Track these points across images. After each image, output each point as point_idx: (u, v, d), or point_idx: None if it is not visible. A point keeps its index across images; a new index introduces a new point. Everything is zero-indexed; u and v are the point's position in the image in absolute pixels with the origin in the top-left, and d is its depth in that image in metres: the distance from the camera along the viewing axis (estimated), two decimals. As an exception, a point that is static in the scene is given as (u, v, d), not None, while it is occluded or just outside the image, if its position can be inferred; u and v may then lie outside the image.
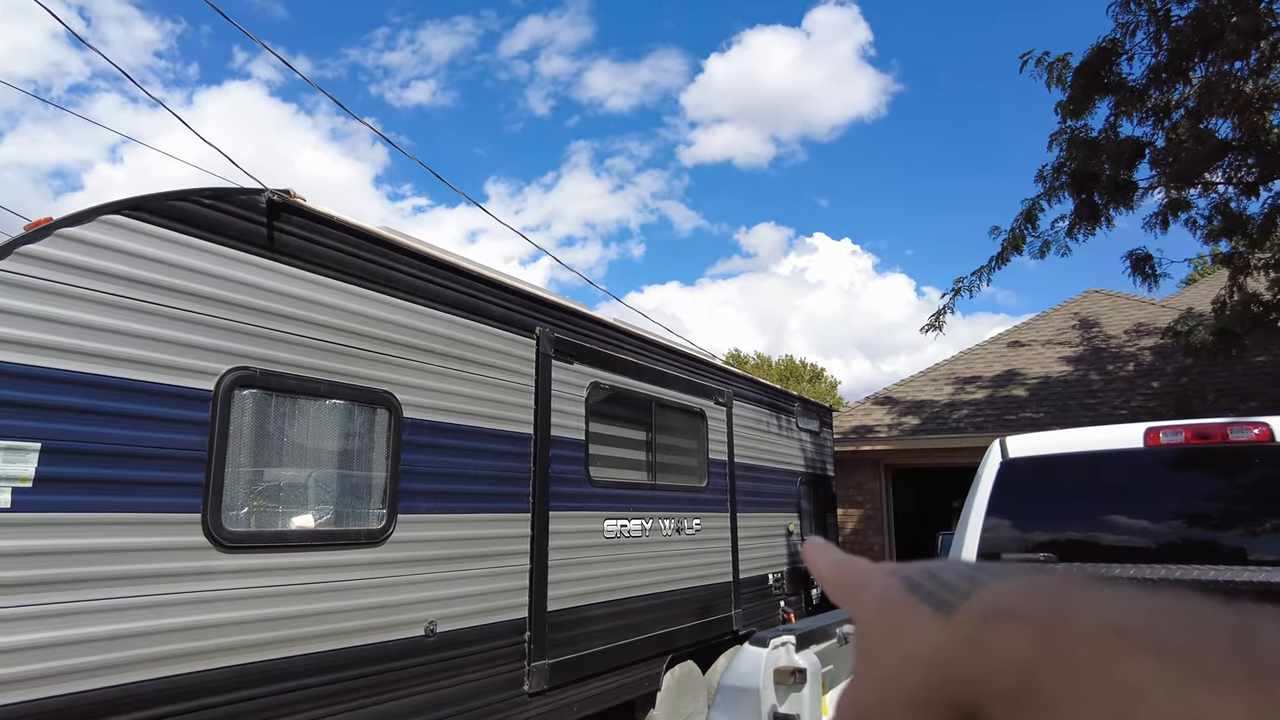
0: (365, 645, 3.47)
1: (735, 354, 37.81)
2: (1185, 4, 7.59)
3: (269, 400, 3.30)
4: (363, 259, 3.72)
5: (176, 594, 2.84)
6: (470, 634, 4.01)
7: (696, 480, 6.44)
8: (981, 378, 13.07)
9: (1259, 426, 3.34)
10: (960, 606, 0.35)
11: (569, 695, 4.64)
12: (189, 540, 2.90)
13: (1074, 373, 12.30)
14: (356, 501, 3.66)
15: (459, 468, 4.10)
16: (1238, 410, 9.60)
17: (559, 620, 4.60)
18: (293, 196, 3.42)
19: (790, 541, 8.13)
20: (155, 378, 2.86)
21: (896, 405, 12.89)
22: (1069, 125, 8.53)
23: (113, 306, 2.78)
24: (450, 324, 4.16)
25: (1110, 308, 14.52)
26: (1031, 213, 8.90)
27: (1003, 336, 14.91)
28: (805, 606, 8.23)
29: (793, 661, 1.79)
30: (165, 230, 2.96)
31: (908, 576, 0.39)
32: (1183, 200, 8.82)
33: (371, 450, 3.73)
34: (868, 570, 0.42)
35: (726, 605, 6.61)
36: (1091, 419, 10.35)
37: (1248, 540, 3.34)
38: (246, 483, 3.22)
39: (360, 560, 3.52)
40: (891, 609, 0.38)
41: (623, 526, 5.33)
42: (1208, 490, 3.62)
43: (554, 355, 4.88)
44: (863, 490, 12.26)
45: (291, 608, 3.21)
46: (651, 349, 6.07)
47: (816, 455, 9.17)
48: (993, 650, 0.32)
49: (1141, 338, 12.77)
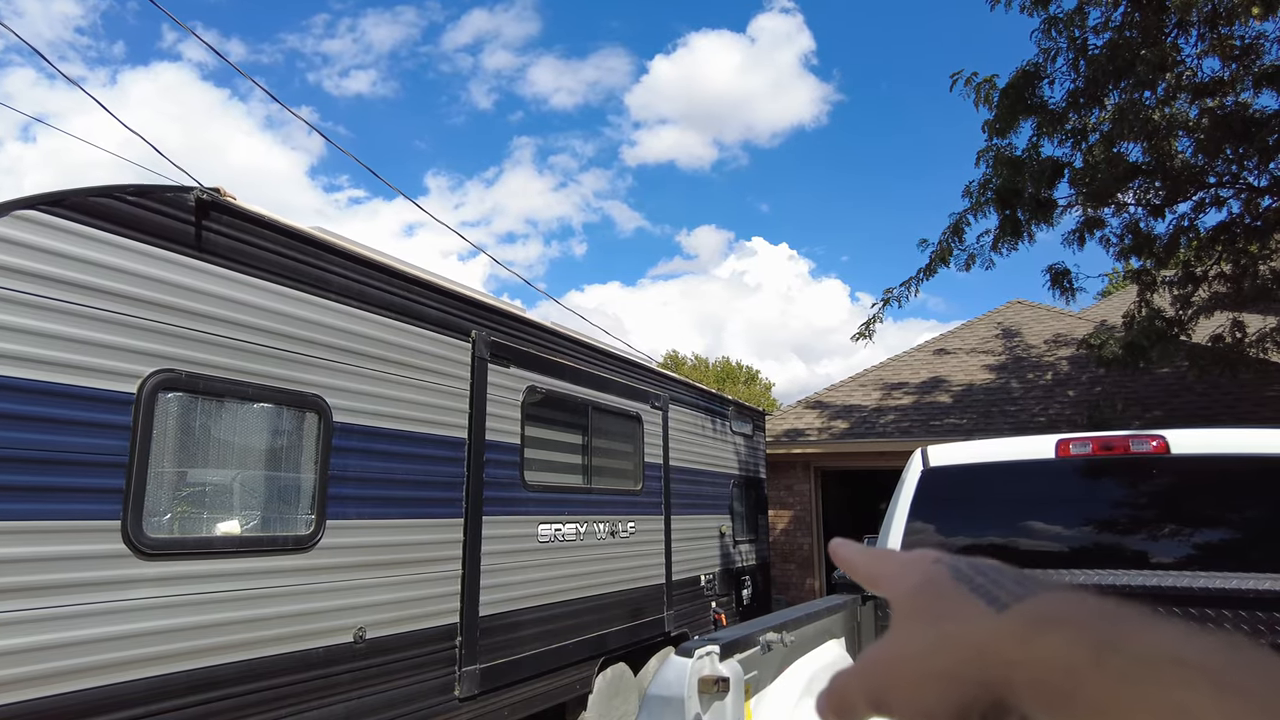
0: (292, 652, 3.42)
1: (673, 355, 38.09)
2: (1101, 34, 7.99)
3: (194, 404, 3.22)
4: (294, 260, 3.66)
5: (94, 604, 2.75)
6: (400, 640, 3.98)
7: (632, 484, 6.50)
8: (908, 384, 13.48)
9: (1156, 439, 3.56)
10: (1014, 606, 0.37)
11: (500, 700, 4.64)
12: (107, 548, 2.82)
13: (996, 381, 12.79)
14: (284, 507, 3.60)
15: (390, 473, 4.06)
16: (1143, 419, 10.14)
17: (491, 625, 4.60)
18: (223, 195, 3.34)
19: (723, 543, 8.26)
20: (74, 380, 2.77)
21: (827, 409, 13.19)
22: (995, 143, 8.87)
23: (28, 306, 2.68)
24: (384, 327, 4.11)
25: (1031, 319, 15.14)
26: (958, 226, 9.23)
27: (929, 344, 15.39)
28: (736, 607, 8.37)
29: (716, 671, 1.85)
30: (86, 228, 2.86)
31: (954, 567, 0.43)
32: (1098, 219, 9.26)
33: (300, 455, 3.67)
34: (908, 557, 0.46)
35: (659, 607, 6.68)
36: (1012, 426, 10.79)
37: (1149, 545, 3.55)
38: (170, 488, 3.14)
39: (287, 566, 3.46)
40: (937, 593, 0.41)
41: (557, 531, 5.35)
42: (1113, 498, 3.83)
43: (490, 359, 4.87)
44: (793, 492, 12.52)
45: (216, 615, 3.14)
46: (589, 353, 6.10)
47: (749, 458, 9.33)
48: (1043, 649, 0.34)
49: (1059, 348, 13.36)
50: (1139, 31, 7.60)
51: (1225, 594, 2.86)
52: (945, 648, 0.39)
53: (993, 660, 0.36)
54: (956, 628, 0.39)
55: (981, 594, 0.39)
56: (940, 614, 0.40)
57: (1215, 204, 8.98)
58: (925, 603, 0.42)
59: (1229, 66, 7.91)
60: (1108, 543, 3.61)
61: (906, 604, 0.43)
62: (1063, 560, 3.50)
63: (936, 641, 0.39)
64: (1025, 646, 0.35)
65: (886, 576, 0.47)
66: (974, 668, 0.37)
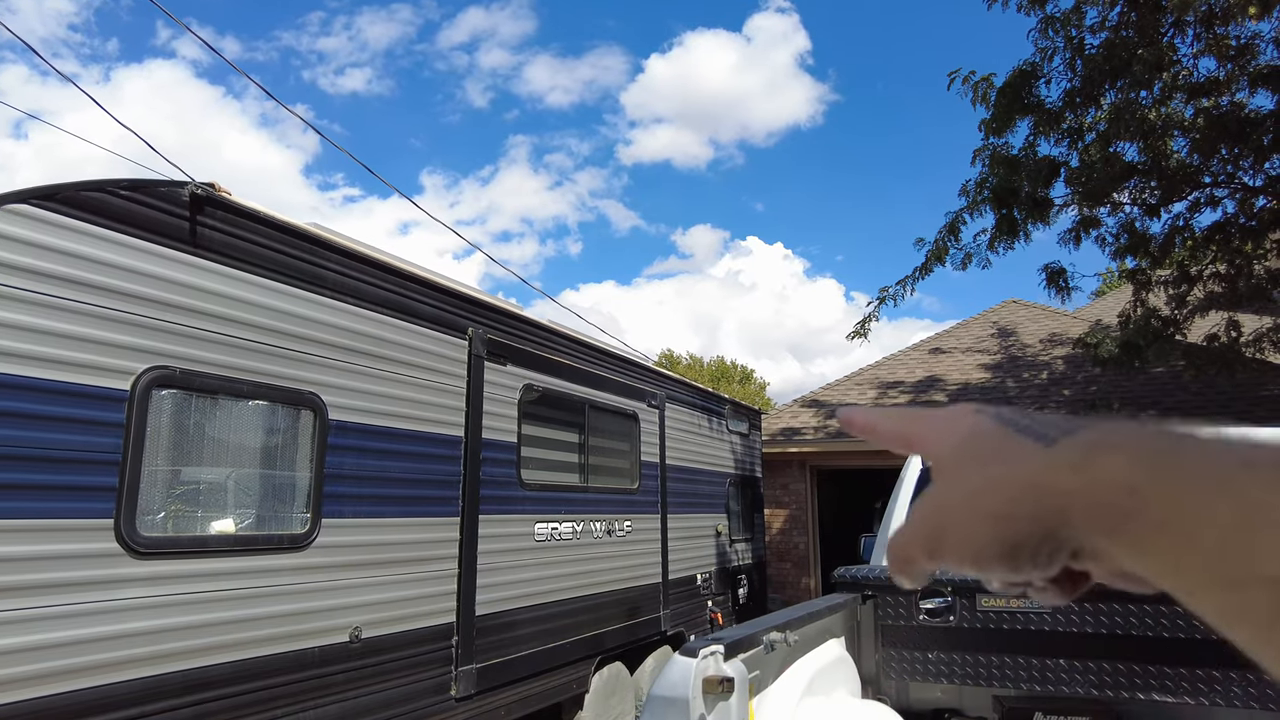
0: (287, 652, 3.39)
1: (668, 354, 38.09)
2: (1098, 34, 8.00)
3: (189, 401, 3.18)
4: (290, 256, 3.62)
5: (86, 603, 2.72)
6: (396, 639, 3.95)
7: (628, 482, 6.48)
8: (904, 383, 13.49)
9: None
10: (1062, 440, 0.37)
11: (496, 699, 4.61)
12: (100, 547, 2.78)
13: (991, 380, 12.81)
14: (279, 505, 3.57)
15: (386, 471, 4.03)
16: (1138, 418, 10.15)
17: (487, 624, 4.57)
18: (218, 190, 3.31)
19: (719, 542, 8.25)
20: (67, 377, 2.74)
21: (823, 408, 13.19)
22: (991, 142, 8.87)
23: (20, 302, 2.64)
24: (380, 324, 4.08)
25: (1026, 318, 15.17)
26: (954, 225, 9.23)
27: (925, 343, 15.41)
28: (732, 606, 8.36)
29: (721, 671, 1.84)
30: (79, 222, 2.83)
31: (997, 413, 0.42)
32: (1093, 218, 9.27)
33: (295, 453, 3.64)
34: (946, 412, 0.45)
35: (655, 606, 6.67)
36: (1006, 424, 10.79)
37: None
38: (163, 486, 3.11)
39: (283, 565, 3.43)
40: (984, 438, 0.41)
41: (554, 529, 5.32)
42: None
43: (487, 357, 4.84)
44: (789, 491, 12.52)
45: (210, 615, 3.11)
46: (586, 351, 6.07)
47: (745, 456, 9.32)
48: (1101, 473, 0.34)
49: (1055, 347, 13.38)
50: (1135, 31, 7.62)
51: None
52: (995, 487, 0.38)
53: (1047, 492, 0.35)
54: (1006, 468, 0.38)
55: (1028, 434, 0.39)
56: (987, 458, 0.40)
57: (1210, 204, 9.00)
58: (971, 451, 0.41)
59: (1225, 66, 7.93)
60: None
61: (950, 458, 0.42)
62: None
63: (985, 483, 0.39)
64: (1081, 473, 0.34)
65: (923, 436, 0.46)
66: (1026, 503, 0.36)
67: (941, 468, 0.42)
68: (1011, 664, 3.12)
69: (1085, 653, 3.02)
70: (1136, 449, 0.34)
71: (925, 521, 0.42)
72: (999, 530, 0.37)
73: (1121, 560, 0.34)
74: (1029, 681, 3.08)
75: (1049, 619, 3.10)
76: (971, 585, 3.25)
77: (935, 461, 0.43)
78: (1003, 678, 3.12)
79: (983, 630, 3.19)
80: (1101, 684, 2.97)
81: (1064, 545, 0.36)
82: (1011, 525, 0.37)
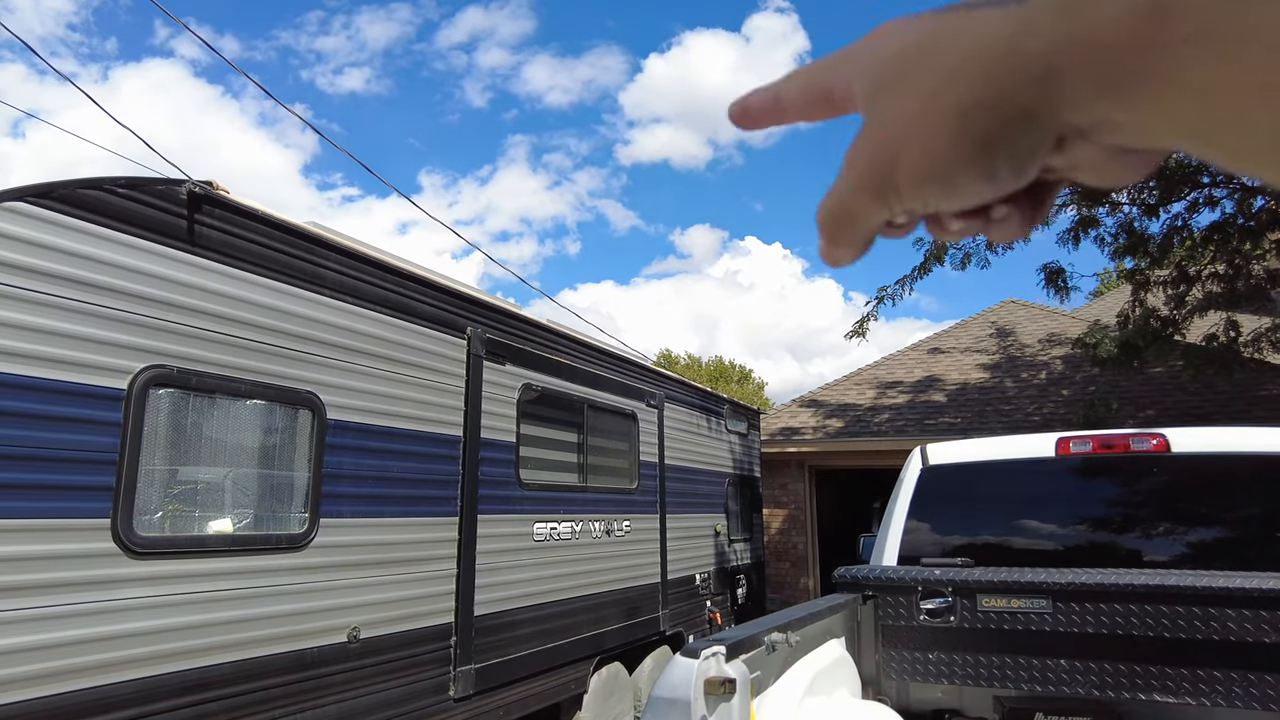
0: (285, 653, 3.37)
1: (667, 354, 38.07)
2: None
3: (186, 400, 3.17)
4: (288, 255, 3.61)
5: (83, 603, 2.70)
6: (395, 639, 3.94)
7: (627, 482, 6.46)
8: (903, 383, 13.48)
9: (1157, 438, 3.54)
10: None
11: (495, 699, 4.60)
12: (97, 547, 2.76)
13: (990, 380, 12.80)
14: (277, 505, 3.55)
15: (385, 470, 4.01)
16: (1137, 418, 10.17)
17: (486, 624, 4.56)
18: (216, 188, 3.29)
19: (718, 542, 8.24)
20: (64, 376, 2.72)
21: (821, 408, 13.19)
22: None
23: (16, 300, 2.62)
24: (378, 323, 4.07)
25: (1025, 318, 15.17)
26: (953, 225, 9.22)
27: (924, 343, 15.41)
28: (731, 606, 8.35)
29: (723, 672, 1.82)
30: (75, 220, 2.81)
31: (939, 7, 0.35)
32: (1092, 218, 9.28)
33: (293, 452, 3.62)
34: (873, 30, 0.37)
35: (654, 606, 6.65)
36: (1006, 425, 10.80)
37: (1149, 544, 3.54)
38: (161, 486, 3.09)
39: (281, 565, 3.42)
40: (933, 32, 0.33)
41: (552, 529, 5.31)
42: (1114, 497, 3.82)
43: (485, 356, 4.83)
44: (787, 491, 12.50)
45: (207, 615, 3.09)
46: (585, 351, 6.06)
47: (744, 456, 9.31)
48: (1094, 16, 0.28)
49: (1053, 347, 13.38)
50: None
51: (1228, 593, 2.85)
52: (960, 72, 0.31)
53: (1031, 56, 0.29)
54: (972, 43, 0.31)
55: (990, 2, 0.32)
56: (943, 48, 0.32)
57: (1209, 204, 9.00)
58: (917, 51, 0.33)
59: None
60: (1108, 541, 3.60)
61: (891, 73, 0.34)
62: (1062, 559, 3.49)
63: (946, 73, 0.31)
64: (1070, 18, 0.28)
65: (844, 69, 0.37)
66: (1004, 78, 0.30)
67: (879, 89, 0.35)
68: (1012, 664, 3.11)
69: (1086, 653, 3.02)
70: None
71: (869, 155, 0.35)
72: (969, 126, 0.31)
73: (1126, 122, 0.29)
74: (1030, 682, 3.07)
75: (1050, 619, 3.10)
76: (972, 586, 3.24)
77: (870, 86, 0.35)
78: (1003, 678, 3.11)
79: (983, 631, 3.18)
80: (1102, 684, 2.96)
81: (1047, 130, 0.30)
82: (985, 115, 0.30)
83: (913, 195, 0.34)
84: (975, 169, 0.32)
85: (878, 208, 0.36)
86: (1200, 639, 2.87)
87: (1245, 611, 2.84)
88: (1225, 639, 2.84)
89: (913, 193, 0.34)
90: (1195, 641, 2.88)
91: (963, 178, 0.32)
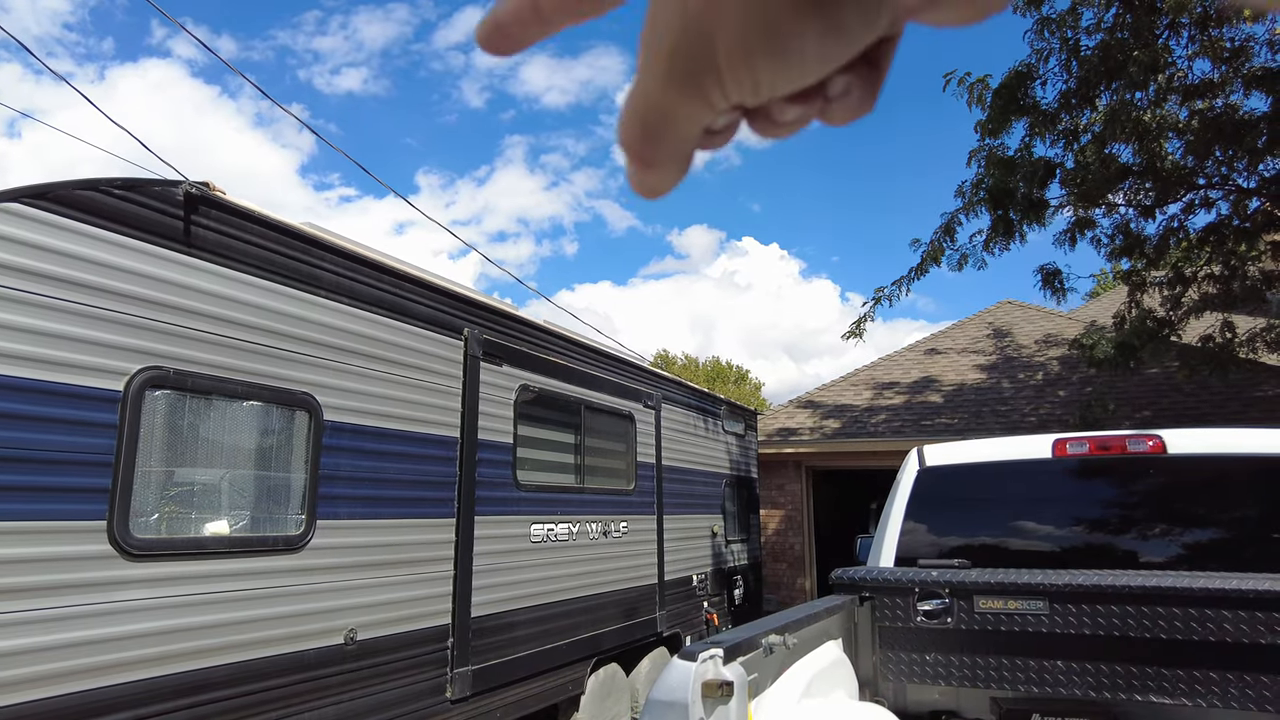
0: (282, 655, 3.37)
1: (664, 355, 38.07)
2: (1093, 35, 8.02)
3: (182, 401, 3.16)
4: (284, 256, 3.60)
5: (79, 606, 2.69)
6: (391, 641, 3.93)
7: (624, 483, 6.46)
8: (900, 383, 13.50)
9: (1153, 439, 3.55)
10: None
11: (492, 701, 4.59)
12: (93, 549, 2.76)
13: (987, 381, 12.82)
14: (274, 507, 3.54)
15: (381, 472, 4.01)
16: (1133, 419, 10.18)
17: (483, 626, 4.55)
18: (212, 189, 3.28)
19: (715, 543, 8.24)
20: (60, 377, 2.71)
21: (818, 409, 13.19)
22: (987, 143, 8.89)
23: (12, 301, 2.61)
24: (375, 324, 4.06)
25: (1022, 319, 15.20)
26: (950, 226, 9.24)
27: (921, 344, 15.43)
28: (728, 607, 8.35)
29: (720, 674, 1.82)
30: (71, 221, 2.80)
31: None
32: (1089, 219, 9.30)
33: (290, 454, 3.62)
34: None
35: (651, 607, 6.65)
36: (1003, 426, 10.82)
37: (1146, 545, 3.55)
38: (157, 488, 3.08)
39: (277, 567, 3.41)
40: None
41: (550, 530, 5.31)
42: (1110, 498, 3.83)
43: (482, 357, 4.82)
44: (784, 492, 12.51)
45: (204, 617, 3.08)
46: (582, 351, 6.06)
47: (741, 457, 9.31)
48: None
49: (1050, 348, 13.41)
50: (1131, 33, 7.63)
51: (1224, 594, 2.85)
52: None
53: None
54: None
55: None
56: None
57: (1205, 205, 9.03)
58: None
59: (1219, 68, 7.95)
60: (1104, 542, 3.61)
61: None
62: (1059, 560, 3.49)
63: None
64: None
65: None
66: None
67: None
68: (1009, 666, 3.11)
69: (1083, 654, 3.02)
70: None
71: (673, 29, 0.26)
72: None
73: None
74: (1026, 683, 3.07)
75: (1046, 621, 3.10)
76: (969, 587, 3.24)
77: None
78: (1000, 679, 3.12)
79: (980, 632, 3.18)
80: (1099, 685, 2.97)
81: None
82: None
83: (739, 75, 0.26)
84: (819, 21, 0.25)
85: (697, 104, 0.28)
86: (1196, 640, 2.88)
87: (1241, 613, 2.84)
88: (1221, 640, 2.84)
89: (739, 71, 0.26)
90: (1191, 643, 2.89)
91: (803, 37, 0.25)
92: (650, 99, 0.28)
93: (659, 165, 0.30)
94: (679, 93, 0.27)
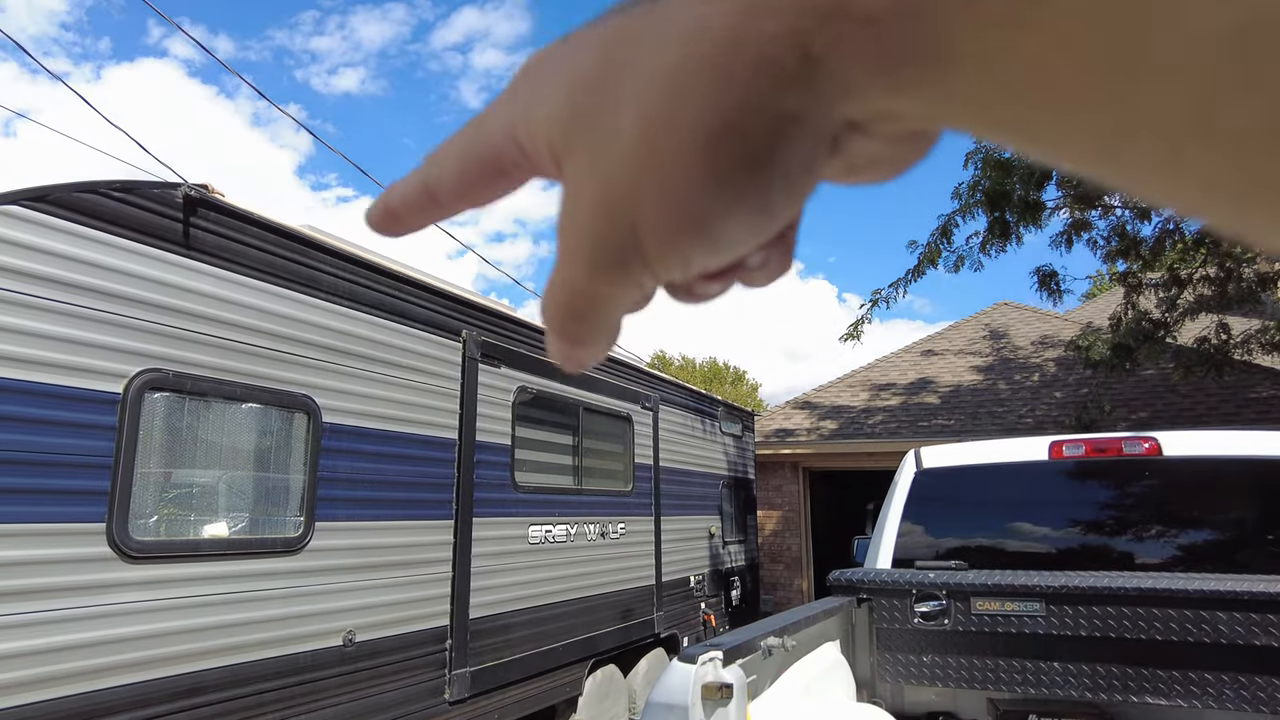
0: (281, 656, 3.37)
1: (661, 356, 38.08)
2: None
3: (181, 404, 3.16)
4: (283, 258, 3.61)
5: (77, 608, 2.69)
6: (390, 643, 3.94)
7: (622, 484, 6.47)
8: (896, 385, 13.52)
9: (1149, 441, 3.57)
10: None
11: (490, 702, 4.60)
12: (91, 551, 2.76)
13: (983, 382, 12.85)
14: (272, 509, 3.55)
15: (380, 474, 4.01)
16: (1129, 420, 10.21)
17: (481, 627, 4.56)
18: (211, 191, 3.29)
19: (712, 544, 8.25)
20: (58, 380, 2.71)
21: (815, 410, 13.21)
22: (983, 145, 8.90)
23: (10, 304, 2.62)
24: (373, 326, 4.07)
25: (1018, 320, 15.23)
26: (947, 228, 9.26)
27: (917, 345, 15.44)
28: (725, 608, 8.36)
29: (720, 677, 1.83)
30: (70, 224, 2.80)
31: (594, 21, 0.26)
32: (1085, 221, 9.32)
33: (289, 456, 3.62)
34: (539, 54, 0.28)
35: (649, 608, 6.66)
36: (999, 427, 10.84)
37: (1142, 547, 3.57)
38: (155, 490, 3.08)
39: (276, 569, 3.41)
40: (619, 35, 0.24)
41: (548, 532, 5.31)
42: (1106, 500, 3.85)
43: (480, 359, 4.83)
44: (781, 493, 12.52)
45: (202, 619, 3.08)
46: (579, 353, 6.05)
47: (738, 458, 9.32)
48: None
49: (1046, 350, 13.43)
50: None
51: (1219, 596, 2.87)
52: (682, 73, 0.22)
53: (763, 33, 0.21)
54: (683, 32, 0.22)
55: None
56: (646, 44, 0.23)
57: (1201, 207, 9.04)
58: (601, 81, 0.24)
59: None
60: (1101, 544, 3.62)
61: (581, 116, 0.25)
62: (1055, 562, 3.51)
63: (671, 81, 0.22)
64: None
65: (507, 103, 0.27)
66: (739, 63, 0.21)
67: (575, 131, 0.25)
68: (1006, 667, 3.13)
69: (1079, 656, 3.03)
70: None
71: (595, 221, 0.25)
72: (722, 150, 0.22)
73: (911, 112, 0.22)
74: (1023, 685, 3.09)
75: (1043, 622, 3.11)
76: (966, 589, 3.25)
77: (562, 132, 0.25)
78: (997, 681, 3.13)
79: (977, 633, 3.20)
80: (1095, 687, 2.98)
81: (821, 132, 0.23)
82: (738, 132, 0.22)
83: (668, 259, 0.25)
84: (744, 204, 0.24)
85: (624, 287, 0.27)
86: (1192, 641, 2.89)
87: (1236, 614, 2.86)
88: (1217, 641, 2.86)
89: (667, 255, 0.25)
90: (1187, 644, 2.90)
91: (729, 219, 0.24)
92: (576, 287, 0.27)
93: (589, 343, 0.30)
94: (606, 280, 0.26)
